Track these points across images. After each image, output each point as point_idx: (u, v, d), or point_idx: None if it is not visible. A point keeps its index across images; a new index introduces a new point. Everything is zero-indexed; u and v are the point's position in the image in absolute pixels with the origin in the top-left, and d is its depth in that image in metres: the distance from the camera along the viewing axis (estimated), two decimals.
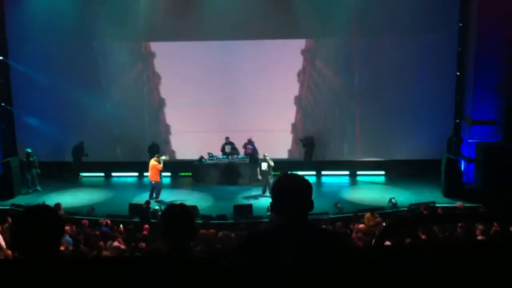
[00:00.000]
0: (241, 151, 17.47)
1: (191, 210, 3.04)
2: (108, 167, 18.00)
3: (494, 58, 14.80)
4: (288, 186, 2.74)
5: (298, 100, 17.87)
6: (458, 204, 12.63)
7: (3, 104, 17.27)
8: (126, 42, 17.37)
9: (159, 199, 15.19)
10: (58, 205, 12.36)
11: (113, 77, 17.50)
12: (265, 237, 2.76)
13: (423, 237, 9.82)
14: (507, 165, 13.68)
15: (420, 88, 16.44)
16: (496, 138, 14.98)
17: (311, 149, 17.61)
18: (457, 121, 16.36)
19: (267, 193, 15.18)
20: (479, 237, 9.45)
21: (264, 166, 15.35)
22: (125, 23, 16.33)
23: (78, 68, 17.04)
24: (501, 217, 6.51)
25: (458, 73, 16.33)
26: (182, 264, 2.78)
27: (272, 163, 15.25)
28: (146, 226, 11.91)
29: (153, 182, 15.35)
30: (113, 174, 18.10)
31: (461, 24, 16.03)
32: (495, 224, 9.53)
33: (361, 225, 11.30)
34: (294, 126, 18.02)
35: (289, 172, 2.86)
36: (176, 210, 2.98)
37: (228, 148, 17.29)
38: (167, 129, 18.28)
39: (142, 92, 18.14)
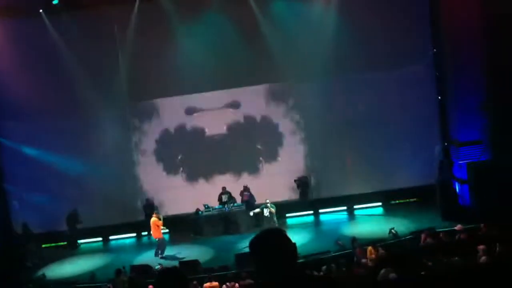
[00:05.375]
0: (238, 199, 17.45)
1: (182, 273, 3.10)
2: (105, 231, 17.85)
3: (471, 80, 15.11)
4: (268, 247, 2.77)
5: (287, 142, 18.03)
6: (457, 227, 12.64)
7: None
8: (111, 108, 17.53)
9: (164, 255, 15.11)
10: None
11: (100, 140, 17.58)
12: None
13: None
14: (499, 182, 13.82)
15: (405, 117, 16.81)
16: (485, 157, 15.16)
17: (306, 189, 17.66)
18: (445, 144, 16.57)
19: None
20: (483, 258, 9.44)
21: (266, 212, 15.45)
22: (109, 90, 16.81)
23: (66, 137, 17.25)
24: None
25: (439, 98, 16.64)
26: None
27: (273, 209, 15.39)
28: (150, 286, 11.76)
29: (156, 239, 15.32)
30: (111, 237, 17.94)
31: (435, 50, 16.44)
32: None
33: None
34: (286, 168, 18.09)
35: (264, 231, 2.87)
36: (167, 275, 3.05)
37: (225, 198, 17.30)
38: (160, 185, 18.30)
39: (131, 151, 18.25)
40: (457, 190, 15.57)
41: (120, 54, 17.31)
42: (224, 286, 11.03)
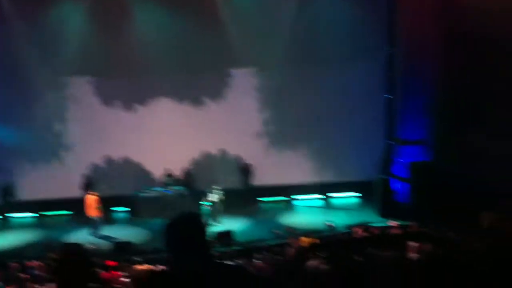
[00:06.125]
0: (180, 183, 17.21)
1: (84, 251, 2.89)
2: (39, 206, 17.25)
3: (422, 81, 15.33)
4: (180, 229, 2.68)
5: (235, 128, 17.86)
6: (391, 223, 12.82)
7: None
8: (52, 80, 16.95)
9: (99, 234, 14.82)
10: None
11: (37, 112, 16.97)
12: (165, 277, 2.70)
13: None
14: (437, 182, 14.11)
15: (353, 113, 16.99)
16: (426, 157, 15.45)
17: (248, 176, 17.60)
18: (389, 142, 16.78)
19: (214, 223, 15.27)
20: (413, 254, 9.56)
21: (212, 197, 15.49)
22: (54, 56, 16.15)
23: (2, 107, 16.62)
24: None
25: (389, 96, 16.82)
26: None
27: (221, 196, 15.47)
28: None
29: (93, 218, 14.98)
30: (45, 213, 17.33)
31: (389, 49, 16.59)
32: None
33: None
34: (231, 154, 17.96)
35: (178, 216, 2.75)
36: (69, 251, 2.83)
37: (167, 180, 17.02)
38: (102, 163, 17.83)
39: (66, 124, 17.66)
40: (396, 188, 15.82)
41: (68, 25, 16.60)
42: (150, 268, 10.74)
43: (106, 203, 15.86)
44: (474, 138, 13.20)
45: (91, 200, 14.98)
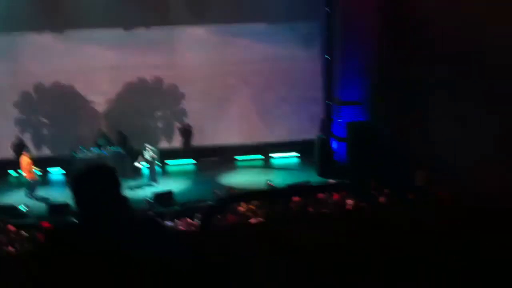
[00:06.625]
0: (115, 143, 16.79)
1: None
2: None
3: (361, 43, 15.48)
4: (86, 183, 2.53)
5: (172, 88, 17.51)
6: (330, 181, 13.10)
7: None
8: None
9: (34, 195, 14.42)
10: None
11: None
12: (65, 231, 2.60)
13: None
14: (373, 142, 14.51)
15: (291, 72, 16.99)
16: (363, 117, 15.79)
17: (188, 137, 17.42)
18: (328, 102, 17.00)
19: (152, 183, 15.19)
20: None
21: (146, 155, 15.33)
22: None
23: None
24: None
25: (327, 57, 16.94)
26: None
27: (155, 154, 15.29)
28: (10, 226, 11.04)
29: (28, 179, 14.54)
30: None
31: (328, 10, 16.59)
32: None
33: (241, 208, 11.31)
34: (170, 113, 17.66)
35: (86, 168, 2.59)
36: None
37: (101, 141, 16.55)
38: (31, 123, 17.12)
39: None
40: (334, 147, 16.13)
41: None
42: None
43: (42, 164, 15.32)
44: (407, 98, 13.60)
45: (25, 161, 14.48)
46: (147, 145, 15.48)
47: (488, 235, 2.40)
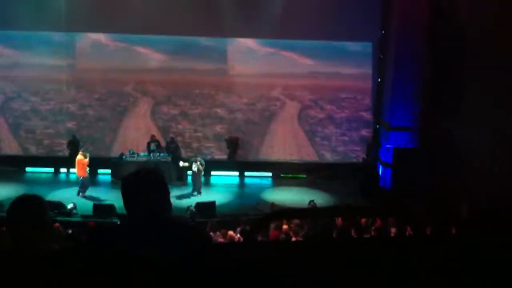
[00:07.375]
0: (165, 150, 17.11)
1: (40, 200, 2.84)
2: (21, 161, 17.10)
3: (412, 67, 15.35)
4: (134, 186, 2.60)
5: (221, 96, 17.75)
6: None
7: None
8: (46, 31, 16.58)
9: (85, 195, 14.83)
10: None
11: (30, 67, 16.69)
12: (109, 231, 2.69)
13: None
14: (420, 170, 14.25)
15: (341, 90, 17.00)
16: (412, 144, 15.55)
17: (235, 149, 17.55)
18: (377, 126, 16.85)
19: (196, 193, 15.31)
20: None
21: (194, 167, 15.34)
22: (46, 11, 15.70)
23: None
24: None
25: (379, 80, 16.83)
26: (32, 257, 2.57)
27: (202, 167, 15.34)
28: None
29: (81, 178, 14.94)
30: (27, 169, 17.16)
31: (383, 32, 16.52)
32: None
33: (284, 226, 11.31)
34: (219, 126, 17.88)
35: (136, 171, 2.67)
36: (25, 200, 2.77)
37: (153, 146, 16.89)
38: (89, 124, 17.67)
39: (60, 84, 17.38)
40: (380, 172, 15.94)
41: None
42: None
43: (94, 164, 15.78)
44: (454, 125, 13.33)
45: (81, 160, 14.86)
46: (198, 156, 15.69)
47: None
